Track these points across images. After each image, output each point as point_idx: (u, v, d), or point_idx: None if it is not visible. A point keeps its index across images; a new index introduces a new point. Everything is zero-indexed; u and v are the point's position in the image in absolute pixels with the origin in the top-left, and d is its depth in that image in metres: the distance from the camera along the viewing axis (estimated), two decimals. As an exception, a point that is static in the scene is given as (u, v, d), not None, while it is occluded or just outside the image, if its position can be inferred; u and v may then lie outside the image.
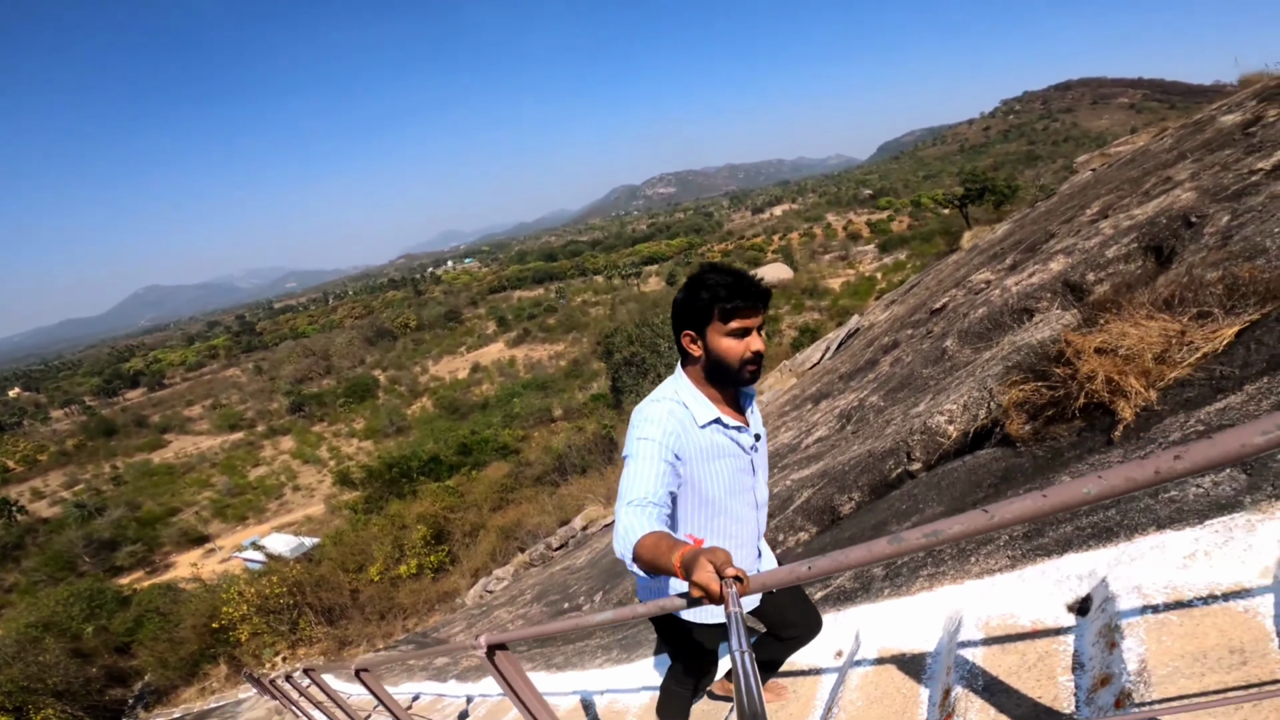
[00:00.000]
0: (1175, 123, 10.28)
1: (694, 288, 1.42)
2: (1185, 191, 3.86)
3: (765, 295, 1.42)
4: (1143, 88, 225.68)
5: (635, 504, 1.28)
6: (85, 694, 13.42)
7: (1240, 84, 8.87)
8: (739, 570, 1.00)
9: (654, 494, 1.30)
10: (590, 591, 5.30)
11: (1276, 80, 7.98)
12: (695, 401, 1.47)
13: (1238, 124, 6.75)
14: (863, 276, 66.52)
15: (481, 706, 4.04)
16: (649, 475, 1.33)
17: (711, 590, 0.98)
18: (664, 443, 1.38)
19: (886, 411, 4.11)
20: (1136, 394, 2.01)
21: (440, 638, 7.92)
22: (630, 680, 2.91)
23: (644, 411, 1.46)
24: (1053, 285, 3.69)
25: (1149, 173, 6.09)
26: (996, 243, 7.78)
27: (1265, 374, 1.81)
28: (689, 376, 1.50)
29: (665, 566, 1.11)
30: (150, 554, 39.41)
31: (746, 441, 1.53)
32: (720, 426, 1.48)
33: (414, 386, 70.74)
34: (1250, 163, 3.80)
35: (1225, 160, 4.17)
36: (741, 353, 1.41)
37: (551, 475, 20.51)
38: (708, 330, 1.42)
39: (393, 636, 13.01)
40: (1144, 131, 14.47)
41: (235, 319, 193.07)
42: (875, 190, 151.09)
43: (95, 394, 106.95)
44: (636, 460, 1.37)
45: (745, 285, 1.38)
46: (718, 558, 1.01)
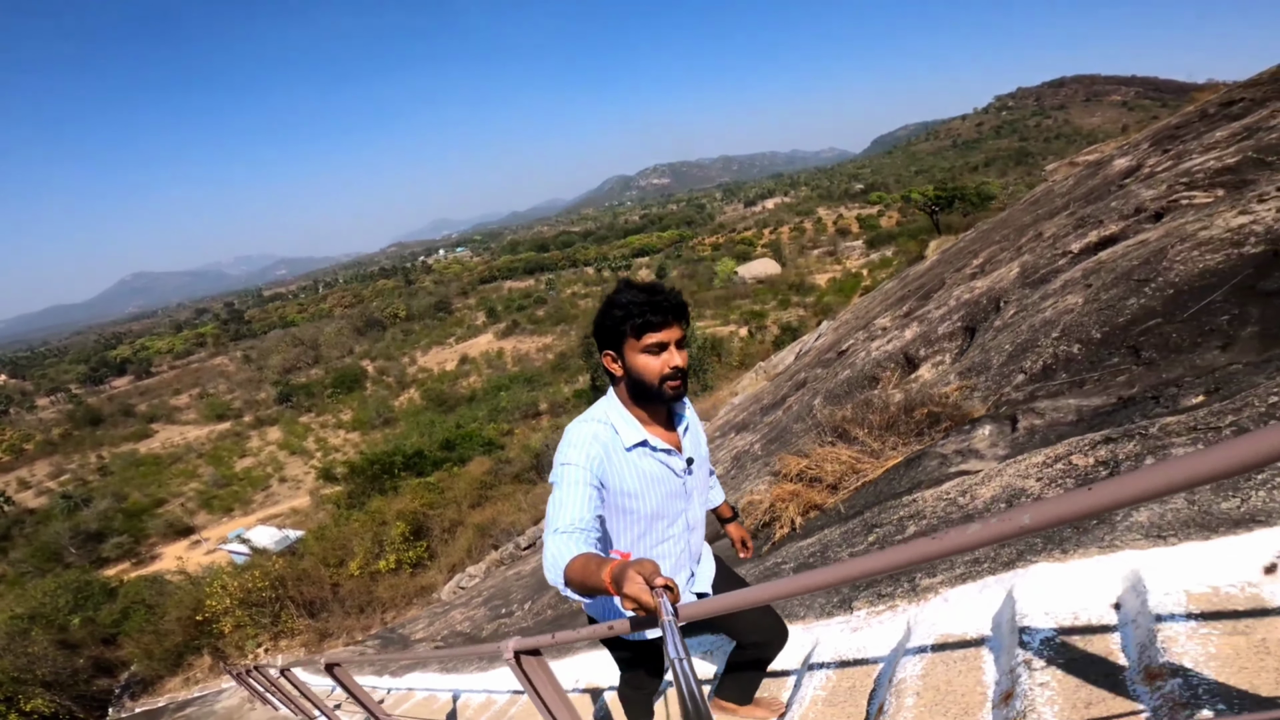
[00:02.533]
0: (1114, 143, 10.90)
1: (608, 307, 1.40)
2: (1017, 266, 4.46)
3: (679, 309, 1.39)
4: (1135, 85, 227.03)
5: (562, 531, 1.28)
6: (73, 684, 13.90)
7: (1203, 89, 9.50)
8: (668, 579, 1.01)
9: (580, 520, 1.29)
10: (523, 600, 5.91)
11: (1196, 108, 8.56)
12: (623, 423, 1.44)
13: (1121, 171, 7.34)
14: (849, 273, 67.03)
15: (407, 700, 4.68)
16: (574, 501, 1.31)
17: (644, 601, 0.99)
18: (587, 467, 1.37)
19: (755, 464, 4.69)
20: (789, 520, 2.74)
21: (405, 634, 8.54)
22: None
23: (570, 434, 1.44)
24: (897, 355, 4.25)
25: (1028, 226, 6.66)
26: (916, 278, 8.37)
27: (866, 509, 2.50)
28: (618, 397, 1.48)
29: (596, 585, 1.11)
30: (137, 545, 39.68)
31: (678, 465, 1.50)
32: (648, 450, 1.45)
33: (402, 378, 71.00)
34: (1068, 242, 4.40)
35: (1062, 229, 4.77)
36: (659, 369, 1.38)
37: (529, 473, 21.07)
38: (624, 348, 1.40)
39: (371, 629, 13.55)
40: (1110, 141, 14.96)
41: (224, 306, 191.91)
42: (867, 184, 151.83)
43: (81, 382, 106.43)
44: (561, 487, 1.36)
45: (657, 301, 1.36)
46: (645, 569, 1.02)
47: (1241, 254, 2.53)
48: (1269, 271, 2.32)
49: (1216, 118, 7.59)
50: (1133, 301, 2.74)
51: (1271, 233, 2.55)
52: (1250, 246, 2.53)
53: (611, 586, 1.06)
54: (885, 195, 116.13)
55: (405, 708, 4.62)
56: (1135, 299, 2.75)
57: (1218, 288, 2.41)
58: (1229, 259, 2.55)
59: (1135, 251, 3.31)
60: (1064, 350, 2.80)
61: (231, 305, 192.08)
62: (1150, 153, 7.57)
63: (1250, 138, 5.02)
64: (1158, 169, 5.22)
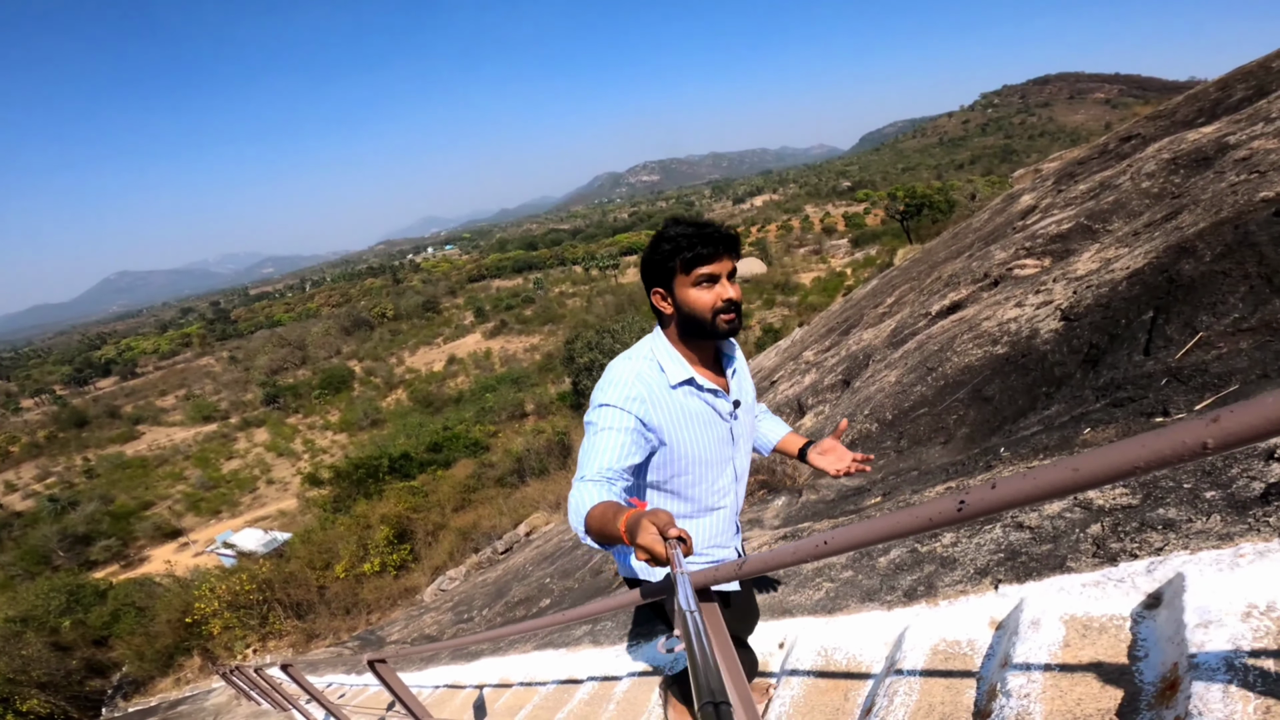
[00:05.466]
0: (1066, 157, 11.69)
1: (656, 243, 1.36)
2: (896, 317, 5.17)
3: (730, 240, 1.34)
4: (1119, 83, 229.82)
5: (589, 479, 1.25)
6: (67, 685, 14.39)
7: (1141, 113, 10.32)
8: (681, 530, 0.99)
9: (610, 468, 1.25)
10: (482, 606, 6.62)
11: (1106, 140, 9.27)
12: (670, 360, 1.38)
13: (1022, 210, 8.05)
14: (834, 272, 67.82)
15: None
16: (606, 447, 1.27)
17: (656, 552, 0.96)
18: (627, 409, 1.31)
19: None
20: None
21: (382, 636, 9.21)
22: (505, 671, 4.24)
23: (612, 371, 1.39)
24: (793, 401, 4.91)
25: (939, 264, 7.35)
26: (849, 306, 9.09)
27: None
28: (666, 336, 1.42)
29: (612, 534, 1.09)
30: (125, 548, 39.88)
31: (724, 407, 1.43)
32: (693, 388, 1.39)
33: (390, 378, 71.15)
34: (937, 299, 5.11)
35: (949, 278, 5.46)
36: (712, 302, 1.32)
37: (511, 477, 21.66)
38: (674, 284, 1.35)
39: (357, 630, 14.10)
40: (1078, 147, 15.63)
41: (210, 306, 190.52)
42: (854, 182, 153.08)
43: (66, 383, 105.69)
44: (596, 431, 1.31)
45: (706, 233, 1.31)
46: (660, 519, 1.00)
47: (991, 354, 3.18)
48: (994, 378, 2.99)
49: (1110, 155, 8.36)
50: (918, 389, 3.37)
51: (1016, 336, 3.22)
52: (1001, 347, 3.17)
53: (625, 535, 1.05)
54: (872, 193, 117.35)
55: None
56: (920, 386, 3.39)
57: (964, 386, 3.09)
58: (983, 358, 3.19)
59: (942, 334, 3.97)
60: (865, 427, 3.45)
61: (217, 304, 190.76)
62: (1049, 191, 8.33)
63: (1094, 198, 5.76)
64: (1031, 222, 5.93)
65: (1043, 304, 3.45)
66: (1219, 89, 8.85)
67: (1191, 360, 2.07)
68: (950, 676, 1.35)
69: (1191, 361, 2.07)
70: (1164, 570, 1.19)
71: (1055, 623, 1.23)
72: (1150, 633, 1.10)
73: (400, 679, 3.37)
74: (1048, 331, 3.01)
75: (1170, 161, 5.72)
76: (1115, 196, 5.58)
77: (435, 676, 5.01)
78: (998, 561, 1.57)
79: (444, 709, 4.21)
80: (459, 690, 4.40)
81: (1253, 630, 0.94)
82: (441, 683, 4.77)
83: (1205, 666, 0.92)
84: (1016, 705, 1.10)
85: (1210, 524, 1.24)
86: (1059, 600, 1.28)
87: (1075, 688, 1.08)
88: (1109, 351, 2.49)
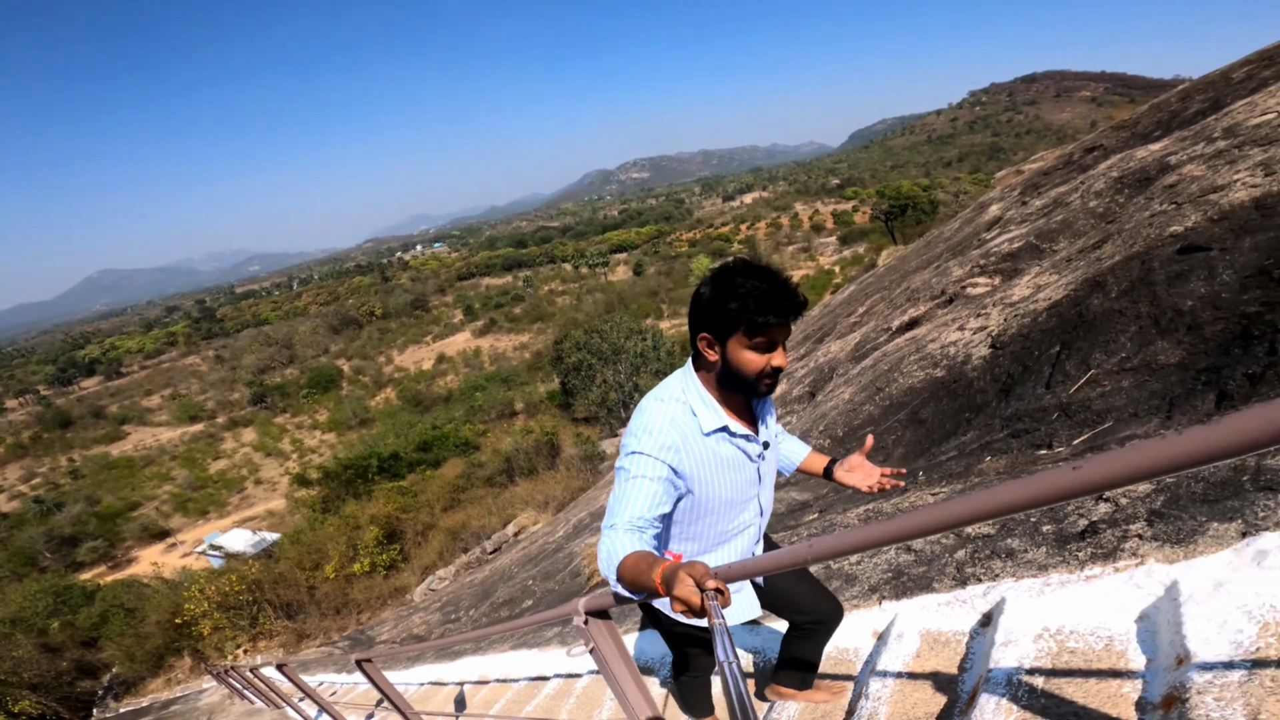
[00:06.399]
0: (1050, 155, 12.01)
1: (723, 293, 1.29)
2: (862, 330, 5.43)
3: (799, 308, 1.30)
4: (1105, 81, 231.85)
5: (620, 527, 1.25)
6: (58, 686, 14.48)
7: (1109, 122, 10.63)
8: (719, 583, 0.99)
9: (641, 517, 1.26)
10: (469, 607, 6.87)
11: (1071, 149, 9.54)
12: (702, 405, 1.37)
13: (989, 221, 8.32)
14: (822, 269, 68.24)
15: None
16: (638, 496, 1.27)
17: (693, 604, 0.97)
18: (661, 458, 1.30)
19: None
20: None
21: (372, 636, 9.43)
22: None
23: (645, 415, 1.37)
24: None
25: (910, 273, 7.60)
26: (827, 313, 9.37)
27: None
28: (700, 378, 1.39)
29: (647, 585, 1.09)
30: (112, 549, 39.71)
31: (754, 450, 1.44)
32: (726, 435, 1.38)
33: (378, 377, 71.00)
34: (898, 314, 5.38)
35: (914, 290, 5.73)
36: (762, 367, 1.30)
37: (500, 477, 21.86)
38: (729, 340, 1.31)
39: (347, 630, 14.27)
40: (1058, 149, 15.93)
41: (195, 304, 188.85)
42: (843, 179, 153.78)
43: (50, 383, 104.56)
44: (628, 478, 1.31)
45: (780, 298, 1.26)
46: (696, 571, 1.00)
47: (931, 378, 3.46)
48: (930, 401, 3.26)
49: (1073, 167, 8.66)
50: (867, 408, 3.65)
51: (953, 360, 3.49)
52: (940, 371, 3.45)
53: (662, 587, 1.05)
54: (860, 190, 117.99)
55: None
56: (869, 405, 3.67)
57: (905, 408, 3.36)
58: (924, 381, 3.47)
59: (895, 353, 4.25)
60: (819, 443, 3.71)
61: (203, 303, 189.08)
62: (1015, 202, 8.61)
63: (1046, 215, 6.03)
64: (991, 237, 6.18)
65: (979, 329, 3.72)
66: (1180, 99, 9.19)
67: (1080, 396, 2.34)
68: (836, 679, 1.61)
69: (1080, 398, 2.33)
70: (994, 594, 1.46)
71: (914, 636, 1.49)
72: (978, 648, 1.37)
73: (386, 677, 3.61)
74: (978, 358, 3.28)
75: (1117, 180, 6.02)
76: (1064, 215, 5.87)
77: (421, 674, 5.27)
78: (886, 580, 1.84)
79: (428, 703, 4.47)
80: (442, 687, 4.67)
81: (1037, 650, 1.20)
82: (427, 680, 5.02)
83: (994, 680, 1.17)
84: (871, 706, 1.37)
85: (1037, 555, 1.50)
86: (920, 616, 1.54)
87: (915, 693, 1.34)
88: (1019, 383, 2.76)
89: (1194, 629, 1.02)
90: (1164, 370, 2.22)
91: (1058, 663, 1.16)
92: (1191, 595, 1.09)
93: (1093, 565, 1.37)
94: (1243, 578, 1.08)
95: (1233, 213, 3.25)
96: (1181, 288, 2.55)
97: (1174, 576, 1.17)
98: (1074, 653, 1.16)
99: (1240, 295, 2.32)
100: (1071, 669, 1.15)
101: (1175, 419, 1.92)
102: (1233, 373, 1.94)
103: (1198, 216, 3.39)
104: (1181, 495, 1.37)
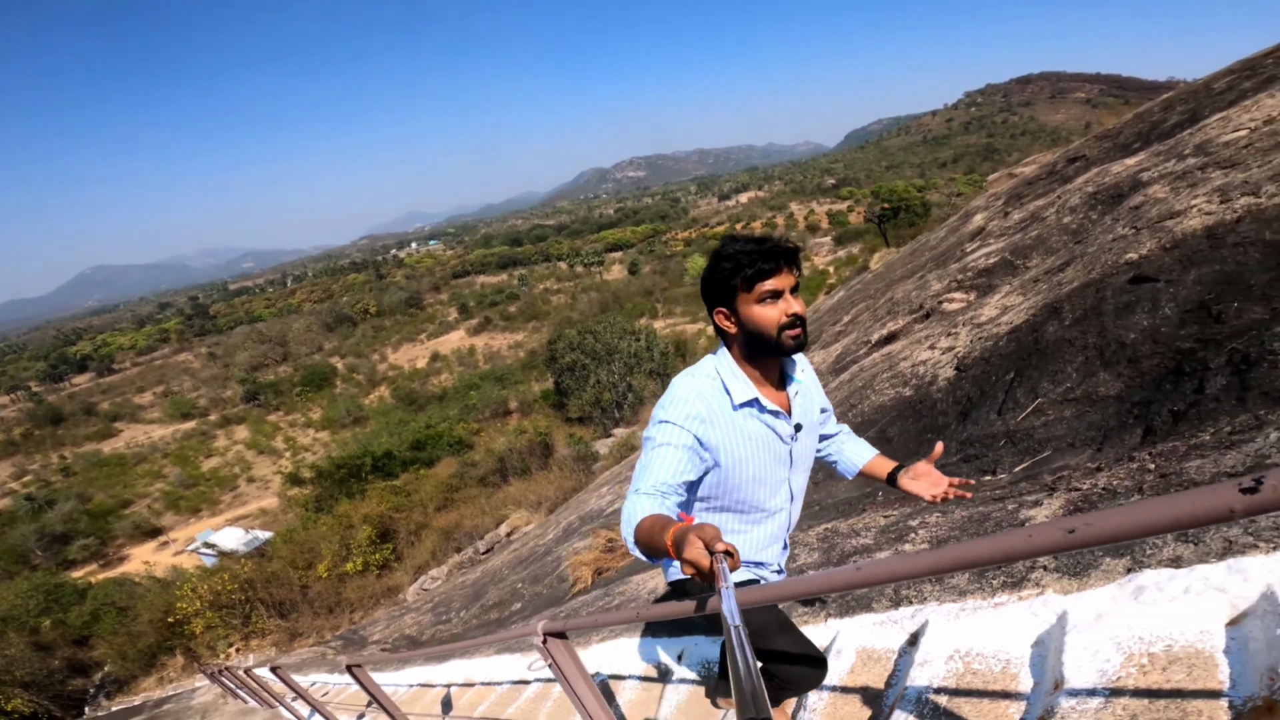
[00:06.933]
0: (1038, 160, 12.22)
1: (715, 261, 1.36)
2: (844, 341, 5.59)
3: (790, 254, 1.34)
4: (1099, 83, 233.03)
5: (642, 492, 1.26)
6: (49, 684, 14.56)
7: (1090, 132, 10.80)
8: (728, 545, 0.99)
9: (665, 482, 1.27)
10: (460, 608, 7.01)
11: (1055, 158, 9.73)
12: (734, 379, 1.39)
13: (973, 230, 8.47)
14: (817, 270, 68.50)
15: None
16: (662, 463, 1.30)
17: (701, 565, 0.97)
18: (686, 427, 1.33)
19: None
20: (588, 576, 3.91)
21: (364, 636, 9.56)
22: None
23: (675, 388, 1.39)
24: None
25: (895, 282, 7.76)
26: (815, 319, 9.55)
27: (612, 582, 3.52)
28: (731, 355, 1.42)
29: (659, 546, 1.10)
30: (103, 547, 39.65)
31: (785, 430, 1.43)
32: (756, 410, 1.39)
33: (372, 375, 70.95)
34: (878, 327, 5.53)
35: (887, 307, 5.89)
36: (778, 318, 1.32)
37: (493, 476, 21.96)
38: (738, 303, 1.34)
39: (340, 629, 14.36)
40: (1050, 151, 16.17)
41: (188, 301, 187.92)
42: (839, 179, 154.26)
43: (41, 379, 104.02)
44: (654, 446, 1.34)
45: (766, 248, 1.31)
46: (706, 533, 1.01)
47: (900, 396, 3.62)
48: (898, 420, 3.41)
49: (1055, 177, 8.83)
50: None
51: (921, 380, 3.65)
52: (909, 389, 3.62)
53: (672, 549, 1.06)
54: (856, 190, 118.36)
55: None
56: (843, 421, 3.84)
57: (875, 425, 3.51)
58: (894, 399, 3.63)
59: (872, 367, 4.41)
60: None
61: (196, 299, 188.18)
62: (998, 213, 8.78)
63: (1023, 230, 6.18)
64: (971, 250, 6.34)
65: (947, 349, 3.87)
66: (1163, 109, 9.36)
67: (1026, 424, 2.50)
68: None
69: (1025, 425, 2.49)
70: (920, 616, 1.61)
71: (851, 652, 1.65)
72: (903, 665, 1.52)
73: (375, 680, 3.76)
74: (943, 380, 3.43)
75: (1091, 196, 6.19)
76: (1039, 231, 6.03)
77: (411, 676, 5.42)
78: (835, 598, 1.99)
79: (416, 705, 4.62)
80: (430, 688, 4.81)
81: (946, 670, 1.35)
82: (416, 682, 5.17)
83: (907, 697, 1.32)
84: (807, 718, 1.52)
85: (960, 581, 1.65)
86: (858, 634, 1.70)
87: (845, 705, 1.50)
88: (976, 407, 2.92)
89: (1071, 657, 1.17)
90: (1103, 402, 2.37)
91: (961, 683, 1.31)
92: (1076, 625, 1.24)
93: (1003, 593, 1.52)
94: (1120, 610, 1.23)
95: (1184, 241, 3.40)
96: (1127, 319, 2.71)
97: (1065, 607, 1.33)
98: (976, 674, 1.32)
99: (1178, 330, 2.48)
100: (972, 689, 1.28)
101: (1105, 452, 2.07)
102: (1160, 409, 2.10)
103: (1152, 244, 3.55)
104: (1086, 530, 1.52)
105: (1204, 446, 1.66)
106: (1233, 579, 1.14)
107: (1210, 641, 1.07)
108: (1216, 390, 1.96)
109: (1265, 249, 2.75)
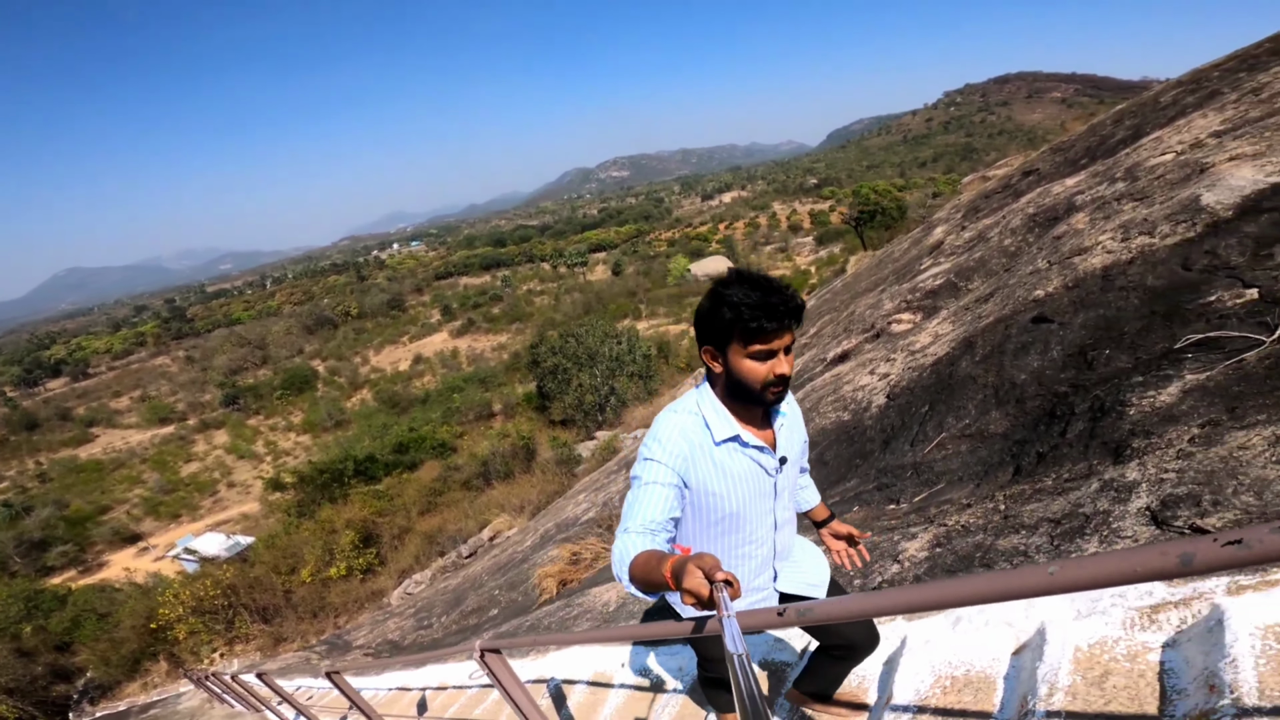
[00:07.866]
0: (1028, 152, 12.66)
1: (716, 305, 1.33)
2: (806, 356, 5.91)
3: (795, 313, 1.31)
4: (1075, 83, 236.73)
5: (632, 530, 1.29)
6: (32, 690, 14.58)
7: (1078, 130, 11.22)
8: (728, 574, 1.00)
9: (653, 520, 1.30)
10: (441, 614, 7.30)
11: (1010, 171, 10.12)
12: (715, 416, 1.40)
13: (933, 244, 8.84)
14: (799, 269, 69.17)
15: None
16: (649, 501, 1.32)
17: (701, 595, 0.98)
18: (671, 465, 1.35)
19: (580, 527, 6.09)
20: (552, 587, 4.22)
21: (349, 640, 9.79)
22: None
23: (658, 426, 1.42)
24: None
25: (859, 294, 8.11)
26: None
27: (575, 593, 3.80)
28: (713, 391, 1.43)
29: (657, 581, 1.12)
30: (82, 553, 39.21)
31: (769, 464, 1.45)
32: (738, 445, 1.41)
33: (354, 378, 70.48)
34: (834, 345, 5.87)
35: (845, 324, 6.24)
36: (764, 376, 1.32)
37: (476, 480, 22.15)
38: (729, 349, 1.34)
39: (324, 634, 14.50)
40: (1023, 154, 16.58)
41: (165, 303, 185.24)
42: (821, 179, 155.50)
43: (15, 384, 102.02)
44: (641, 485, 1.36)
45: (772, 304, 1.28)
46: (705, 563, 1.01)
47: (840, 421, 3.96)
48: (835, 445, 3.74)
49: (1009, 191, 9.22)
50: None
51: (859, 406, 3.99)
52: (847, 414, 3.96)
53: (671, 581, 1.07)
54: (837, 190, 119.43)
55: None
56: None
57: (816, 447, 3.85)
58: (834, 423, 3.97)
59: (822, 388, 4.75)
60: None
61: (173, 302, 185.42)
62: (956, 226, 9.16)
63: (969, 250, 6.54)
64: (924, 268, 6.69)
65: (883, 376, 4.23)
66: (1114, 121, 9.81)
67: (930, 457, 2.84)
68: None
69: (929, 458, 2.84)
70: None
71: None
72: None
73: (356, 685, 4.05)
74: (875, 407, 3.78)
75: (1031, 218, 6.58)
76: (983, 252, 6.41)
77: (390, 680, 5.73)
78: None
79: (394, 707, 4.92)
80: (407, 692, 5.12)
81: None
82: (394, 685, 5.46)
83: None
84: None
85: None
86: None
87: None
88: (896, 437, 3.27)
89: (900, 677, 1.49)
90: (991, 439, 2.72)
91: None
92: (911, 648, 1.57)
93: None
94: (942, 637, 1.56)
95: (1084, 280, 3.76)
96: (1022, 360, 3.07)
97: (905, 632, 1.66)
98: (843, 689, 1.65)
99: (1060, 373, 2.83)
100: (841, 700, 1.62)
101: (981, 488, 2.41)
102: (1031, 449, 2.44)
103: (1058, 282, 3.91)
104: (937, 564, 1.86)
105: (1043, 491, 2.00)
106: (1018, 614, 1.48)
107: (997, 668, 1.39)
108: (1073, 436, 2.30)
109: (1144, 295, 3.11)
